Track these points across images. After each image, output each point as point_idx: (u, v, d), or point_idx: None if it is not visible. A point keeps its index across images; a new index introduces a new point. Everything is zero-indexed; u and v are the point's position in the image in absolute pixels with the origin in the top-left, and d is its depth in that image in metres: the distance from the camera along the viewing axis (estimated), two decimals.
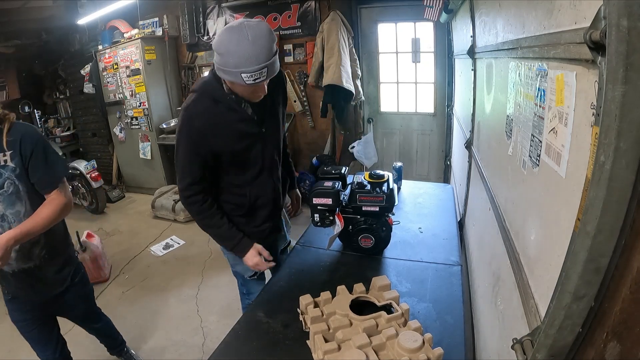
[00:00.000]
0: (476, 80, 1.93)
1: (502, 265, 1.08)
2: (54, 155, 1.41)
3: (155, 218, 4.12)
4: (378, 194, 1.45)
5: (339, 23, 3.50)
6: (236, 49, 1.12)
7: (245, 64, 1.13)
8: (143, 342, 2.33)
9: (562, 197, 0.66)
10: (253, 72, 1.14)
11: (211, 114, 1.30)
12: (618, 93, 0.43)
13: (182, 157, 1.34)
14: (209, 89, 1.31)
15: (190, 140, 1.30)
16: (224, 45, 1.14)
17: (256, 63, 1.13)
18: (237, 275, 1.71)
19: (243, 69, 1.13)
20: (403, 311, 1.08)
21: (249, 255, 1.46)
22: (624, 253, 0.49)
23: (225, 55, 1.14)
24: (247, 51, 1.12)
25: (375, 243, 1.51)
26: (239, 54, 1.12)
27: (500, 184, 1.23)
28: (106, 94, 4.69)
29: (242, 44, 1.12)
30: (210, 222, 1.42)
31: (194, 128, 1.29)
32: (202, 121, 1.29)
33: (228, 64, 1.15)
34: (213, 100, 1.30)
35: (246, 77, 1.14)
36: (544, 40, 0.74)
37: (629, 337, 0.49)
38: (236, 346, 1.13)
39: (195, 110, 1.29)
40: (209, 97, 1.30)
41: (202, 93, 1.31)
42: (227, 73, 1.17)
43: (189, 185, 1.36)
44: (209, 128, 1.30)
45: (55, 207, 1.37)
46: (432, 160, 4.11)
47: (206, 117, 1.29)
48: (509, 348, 0.71)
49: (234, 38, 1.13)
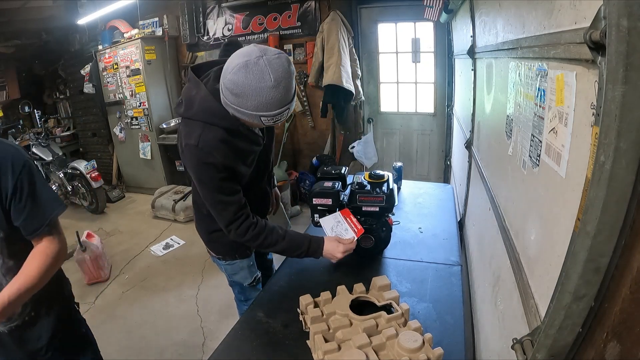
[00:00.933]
0: (476, 80, 1.93)
1: (502, 265, 1.08)
2: (43, 187, 1.06)
3: (155, 218, 4.12)
4: (378, 194, 1.45)
5: (339, 23, 3.50)
6: (256, 94, 1.00)
7: (265, 108, 1.03)
8: (143, 342, 2.33)
9: (562, 197, 0.66)
10: (274, 116, 1.05)
11: (226, 144, 1.16)
12: (618, 93, 0.43)
13: (215, 189, 1.20)
14: (216, 118, 1.14)
15: (215, 170, 1.16)
16: (240, 86, 1.00)
17: (278, 107, 1.04)
18: (234, 285, 1.67)
19: (262, 112, 1.04)
20: (403, 311, 1.08)
21: (328, 248, 1.33)
22: (624, 253, 0.49)
23: (243, 97, 1.02)
24: (269, 96, 1.01)
25: (375, 243, 1.51)
26: (259, 99, 1.01)
27: (500, 184, 1.23)
28: (106, 94, 4.69)
29: (264, 88, 1.00)
30: (273, 238, 1.29)
31: (218, 162, 1.15)
32: (221, 155, 1.15)
33: (246, 106, 1.04)
34: (224, 129, 1.15)
35: (266, 120, 1.06)
36: (544, 40, 0.74)
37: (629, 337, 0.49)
38: (236, 346, 1.13)
39: (209, 145, 1.13)
40: (219, 128, 1.15)
41: (211, 125, 1.14)
42: (244, 114, 1.07)
43: (236, 213, 1.23)
44: (230, 159, 1.18)
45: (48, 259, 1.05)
46: (432, 160, 4.11)
47: (223, 150, 1.15)
48: (509, 348, 0.71)
49: (254, 80, 0.99)
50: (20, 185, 0.99)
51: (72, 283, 1.44)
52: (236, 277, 1.60)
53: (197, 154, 1.14)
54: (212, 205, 1.25)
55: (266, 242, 1.29)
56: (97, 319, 2.55)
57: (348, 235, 1.39)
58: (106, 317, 2.57)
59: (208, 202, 1.25)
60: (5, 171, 0.96)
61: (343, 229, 1.42)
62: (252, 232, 1.26)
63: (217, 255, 1.55)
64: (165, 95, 4.57)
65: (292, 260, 1.57)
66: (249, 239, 1.27)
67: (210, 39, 4.33)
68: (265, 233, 1.28)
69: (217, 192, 1.21)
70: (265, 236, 1.28)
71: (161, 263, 3.24)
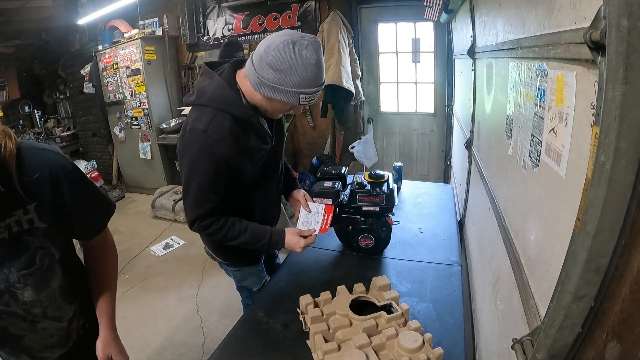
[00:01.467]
0: (476, 80, 1.93)
1: (502, 265, 1.08)
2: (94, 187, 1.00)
3: (155, 218, 4.12)
4: (378, 194, 1.45)
5: (339, 23, 3.50)
6: (302, 70, 1.03)
7: (307, 85, 1.05)
8: (143, 342, 2.32)
9: (562, 197, 0.66)
10: (312, 94, 1.08)
11: (234, 135, 1.14)
12: (618, 93, 0.43)
13: (202, 184, 1.17)
14: (229, 106, 1.13)
15: (216, 165, 1.14)
16: (288, 62, 1.02)
17: (316, 84, 1.07)
18: (242, 290, 1.65)
19: (303, 89, 1.06)
20: (403, 311, 1.08)
21: (289, 241, 1.31)
22: (624, 253, 0.49)
23: (287, 73, 1.03)
24: (312, 72, 1.04)
25: (375, 243, 1.51)
26: (303, 76, 1.04)
27: (500, 184, 1.23)
28: (106, 94, 4.69)
29: (308, 65, 1.03)
30: (235, 232, 1.26)
31: (221, 154, 1.13)
32: (226, 145, 1.13)
33: (287, 83, 1.04)
34: (233, 118, 1.13)
35: (303, 97, 1.07)
36: (544, 40, 0.74)
37: (629, 337, 0.49)
38: (236, 346, 1.13)
39: (217, 133, 1.11)
40: (229, 115, 1.13)
41: (222, 112, 1.13)
42: (282, 92, 1.06)
43: (207, 212, 1.22)
44: (236, 152, 1.16)
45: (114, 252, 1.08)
46: (432, 160, 4.11)
47: (229, 140, 1.13)
48: (509, 348, 0.71)
49: (300, 57, 1.02)
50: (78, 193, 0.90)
51: None
52: (245, 282, 1.58)
53: (202, 139, 1.11)
54: (190, 196, 1.21)
55: (228, 236, 1.26)
56: None
57: (313, 227, 1.37)
58: None
59: (188, 193, 1.20)
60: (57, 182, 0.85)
61: (314, 221, 1.39)
62: (215, 226, 1.24)
63: (225, 262, 1.51)
64: (165, 95, 4.57)
65: (292, 260, 1.57)
66: (212, 233, 1.25)
67: (210, 39, 4.33)
68: (227, 227, 1.25)
69: (203, 186, 1.18)
70: (227, 229, 1.25)
71: (161, 263, 3.24)
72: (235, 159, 1.17)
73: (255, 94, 1.13)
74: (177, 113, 4.57)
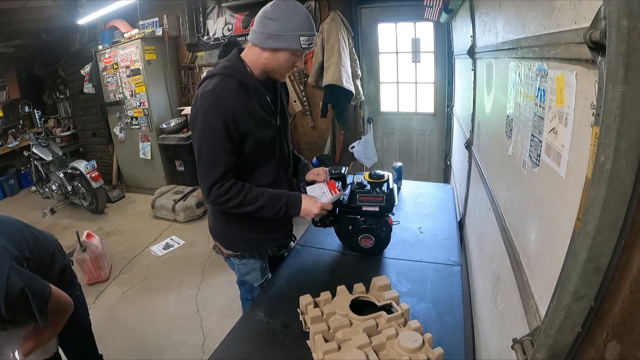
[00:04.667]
0: (476, 80, 1.93)
1: (502, 265, 1.08)
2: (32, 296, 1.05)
3: (155, 218, 4.12)
4: (378, 194, 1.45)
5: (339, 23, 3.50)
6: (294, 15, 1.19)
7: (304, 28, 1.21)
8: (143, 342, 2.33)
9: (562, 197, 0.66)
10: (309, 37, 1.22)
11: (240, 95, 1.26)
12: (618, 93, 0.43)
13: (214, 142, 1.24)
14: (234, 71, 1.27)
15: (224, 121, 1.22)
16: (282, 12, 1.19)
17: (311, 29, 1.22)
18: (243, 285, 1.67)
19: (302, 32, 1.20)
20: (403, 311, 1.08)
21: (306, 205, 1.36)
22: (624, 253, 0.49)
23: (284, 20, 1.19)
24: (305, 17, 1.21)
25: (375, 243, 1.51)
26: (298, 20, 1.19)
27: (500, 184, 1.23)
28: (106, 94, 4.69)
29: (299, 11, 1.21)
30: (253, 195, 1.31)
31: (227, 109, 1.22)
32: (232, 101, 1.23)
33: (288, 29, 1.19)
34: (239, 82, 1.26)
35: (304, 40, 1.21)
36: (544, 40, 0.74)
37: (629, 337, 0.49)
38: (236, 346, 1.13)
39: (225, 91, 1.23)
40: (235, 79, 1.26)
41: (227, 75, 1.26)
42: (283, 38, 1.20)
43: (224, 174, 1.27)
44: (241, 109, 1.25)
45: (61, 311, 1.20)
46: (432, 160, 4.11)
47: (235, 98, 1.24)
48: (509, 348, 0.71)
49: (291, 5, 1.20)
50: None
51: None
52: (248, 277, 1.59)
53: (210, 98, 1.22)
54: (203, 161, 1.27)
55: (246, 200, 1.30)
56: (97, 319, 2.55)
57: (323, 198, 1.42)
58: (106, 317, 2.57)
59: (202, 158, 1.27)
60: None
61: (320, 192, 1.43)
62: (234, 190, 1.28)
63: (235, 252, 1.52)
64: (165, 95, 4.57)
65: (292, 260, 1.57)
66: (231, 197, 1.29)
67: (210, 39, 4.33)
68: (245, 190, 1.30)
69: (214, 145, 1.25)
70: (245, 193, 1.30)
71: (161, 263, 3.24)
72: (241, 117, 1.25)
73: (261, 55, 1.26)
74: (177, 113, 4.57)
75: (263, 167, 1.40)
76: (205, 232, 3.70)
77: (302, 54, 1.28)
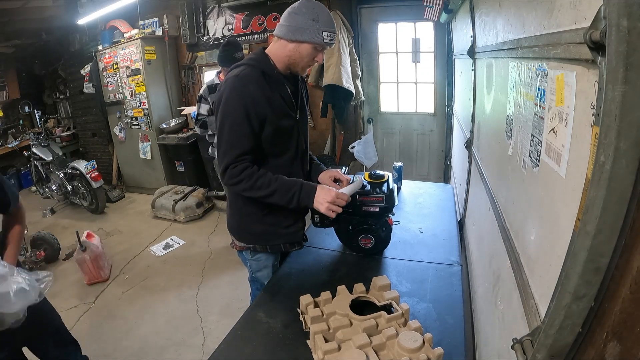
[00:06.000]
0: (476, 80, 1.93)
1: (502, 265, 1.08)
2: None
3: (155, 218, 4.12)
4: (378, 194, 1.45)
5: (339, 23, 3.50)
6: (319, 11, 1.29)
7: (327, 24, 1.29)
8: (143, 342, 2.33)
9: (562, 197, 0.66)
10: (331, 32, 1.30)
11: (262, 83, 1.33)
12: (618, 93, 0.43)
13: (233, 125, 1.30)
14: (258, 62, 1.36)
15: (244, 105, 1.28)
16: (308, 7, 1.29)
17: (332, 25, 1.31)
18: (254, 282, 1.67)
19: (325, 28, 1.29)
20: (403, 311, 1.08)
21: (319, 194, 1.33)
22: (624, 253, 0.49)
23: (310, 15, 1.28)
24: (327, 15, 1.31)
25: (375, 243, 1.51)
26: (322, 16, 1.29)
27: (500, 184, 1.23)
28: (106, 94, 4.69)
29: (323, 10, 1.30)
30: (266, 180, 1.32)
31: (249, 94, 1.30)
32: (254, 87, 1.30)
33: (311, 23, 1.28)
34: (262, 72, 1.34)
35: (326, 35, 1.29)
36: (544, 40, 0.74)
37: (629, 337, 0.49)
38: (236, 346, 1.13)
39: (247, 77, 1.31)
40: (258, 69, 1.34)
41: (252, 65, 1.35)
42: (308, 32, 1.28)
43: (238, 156, 1.30)
44: (261, 95, 1.31)
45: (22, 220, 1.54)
46: (432, 160, 4.11)
47: (258, 85, 1.32)
48: (509, 348, 0.71)
49: (316, 4, 1.30)
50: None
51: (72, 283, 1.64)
52: (259, 274, 1.60)
53: (234, 82, 1.30)
54: (222, 142, 1.32)
55: (258, 183, 1.32)
56: (97, 319, 2.56)
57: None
58: (106, 317, 2.57)
59: (222, 138, 1.32)
60: None
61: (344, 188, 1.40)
62: (247, 172, 1.32)
63: (248, 245, 1.52)
64: (165, 95, 4.57)
65: (292, 260, 1.57)
66: (243, 178, 1.31)
67: (210, 39, 4.33)
68: (258, 174, 1.33)
69: (235, 127, 1.30)
70: (259, 176, 1.32)
71: (161, 263, 3.24)
72: (260, 103, 1.31)
73: (286, 48, 1.34)
74: (177, 113, 4.57)
75: (279, 158, 1.42)
76: (205, 232, 3.71)
77: (322, 49, 1.35)
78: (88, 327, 2.49)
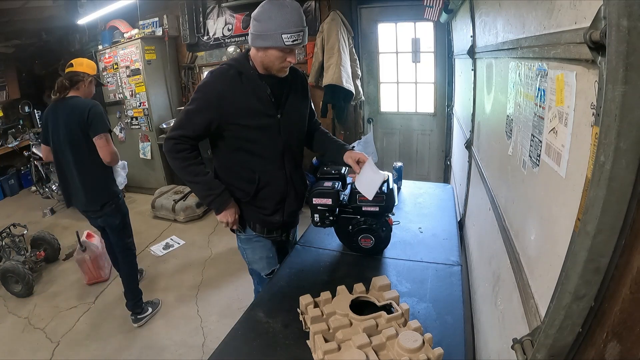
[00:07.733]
0: (476, 80, 1.93)
1: (502, 265, 1.08)
2: None
3: (155, 218, 4.11)
4: (378, 194, 1.45)
5: (339, 23, 3.50)
6: (277, 14, 1.27)
7: (286, 27, 1.27)
8: (143, 342, 2.32)
9: (562, 197, 0.66)
10: (292, 34, 1.28)
11: (234, 82, 1.40)
12: (618, 93, 0.43)
13: (190, 110, 1.40)
14: (236, 62, 1.43)
15: (207, 99, 1.39)
16: (266, 12, 1.29)
17: (295, 26, 1.28)
18: (253, 274, 1.74)
19: (283, 30, 1.28)
20: (403, 311, 1.08)
21: (226, 212, 1.49)
22: (624, 253, 0.49)
23: (267, 21, 1.28)
24: (287, 16, 1.28)
25: (375, 243, 1.51)
26: (280, 19, 1.27)
27: (500, 184, 1.23)
28: (106, 94, 4.69)
29: (283, 10, 1.28)
30: (196, 170, 1.45)
31: (215, 89, 1.39)
32: (224, 86, 1.39)
33: (269, 29, 1.28)
34: (238, 72, 1.41)
35: (286, 37, 1.28)
36: (544, 40, 0.74)
37: (629, 337, 0.49)
38: (236, 346, 1.13)
39: (222, 75, 1.41)
40: (235, 68, 1.41)
41: (230, 65, 1.43)
42: (267, 37, 1.29)
43: (182, 136, 1.41)
44: (228, 93, 1.39)
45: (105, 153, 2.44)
46: (432, 160, 4.11)
47: (229, 83, 1.39)
48: (509, 348, 0.71)
49: (274, 6, 1.28)
50: None
51: (72, 283, 1.61)
52: (255, 265, 1.64)
53: (207, 78, 1.44)
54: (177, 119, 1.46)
55: (189, 169, 1.44)
56: (97, 319, 2.55)
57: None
58: (106, 317, 2.57)
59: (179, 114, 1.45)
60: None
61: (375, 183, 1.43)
62: (184, 154, 1.43)
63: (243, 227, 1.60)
64: (165, 96, 4.57)
65: (292, 260, 1.57)
66: (179, 158, 1.43)
67: (210, 39, 4.33)
68: (192, 161, 1.44)
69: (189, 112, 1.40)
70: (191, 164, 1.44)
71: (161, 263, 3.24)
72: (227, 100, 1.38)
73: (257, 54, 1.38)
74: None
75: (258, 156, 1.49)
76: (205, 232, 3.71)
77: (291, 50, 1.35)
78: (88, 327, 2.49)
